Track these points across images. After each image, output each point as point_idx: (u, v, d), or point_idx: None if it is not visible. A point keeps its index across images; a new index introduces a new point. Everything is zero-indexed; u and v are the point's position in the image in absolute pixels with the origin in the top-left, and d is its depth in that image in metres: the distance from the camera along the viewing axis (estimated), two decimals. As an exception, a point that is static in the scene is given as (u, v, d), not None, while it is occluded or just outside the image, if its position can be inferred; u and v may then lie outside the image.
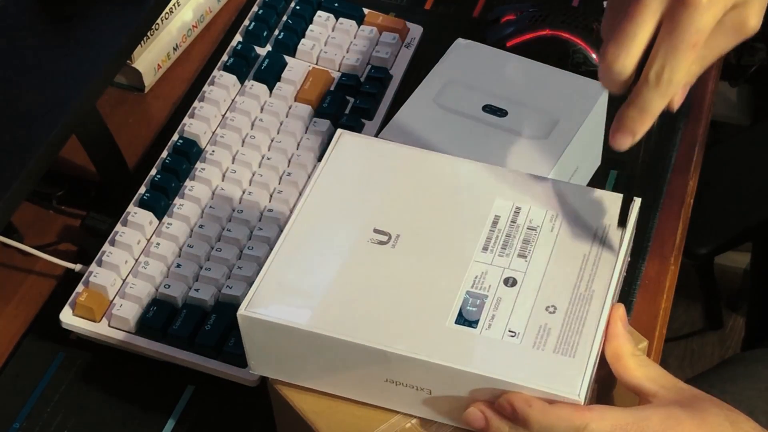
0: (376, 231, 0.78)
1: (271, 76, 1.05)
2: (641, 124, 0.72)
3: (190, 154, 0.98)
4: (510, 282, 0.75)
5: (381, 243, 0.78)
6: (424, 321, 0.73)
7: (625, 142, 0.73)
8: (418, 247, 0.77)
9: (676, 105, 0.73)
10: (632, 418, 0.70)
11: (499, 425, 0.71)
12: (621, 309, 0.74)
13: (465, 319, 0.73)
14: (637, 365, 0.73)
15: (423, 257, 0.77)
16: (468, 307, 0.74)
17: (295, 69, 1.06)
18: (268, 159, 0.99)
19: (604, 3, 1.16)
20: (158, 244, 0.92)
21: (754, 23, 0.71)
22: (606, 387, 0.77)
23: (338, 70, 1.08)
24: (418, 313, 0.74)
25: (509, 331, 0.73)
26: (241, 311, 0.75)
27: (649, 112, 0.71)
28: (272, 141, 1.00)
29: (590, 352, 0.71)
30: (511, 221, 0.79)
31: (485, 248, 0.77)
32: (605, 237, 0.77)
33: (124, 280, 0.92)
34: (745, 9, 0.70)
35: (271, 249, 0.92)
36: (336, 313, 0.74)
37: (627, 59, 0.70)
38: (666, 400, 0.72)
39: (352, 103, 1.05)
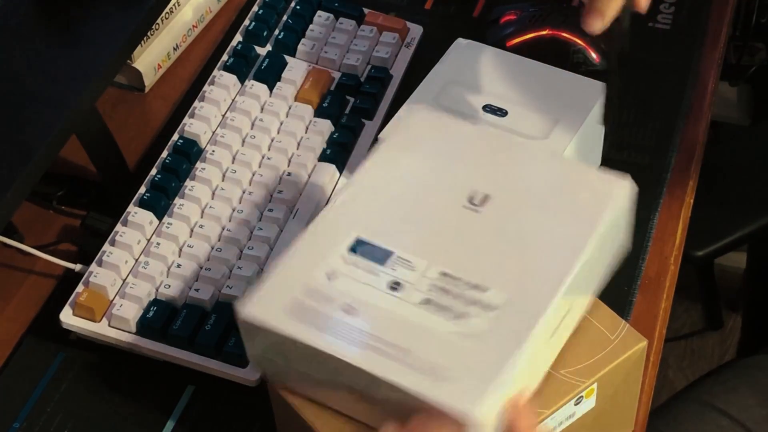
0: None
1: (271, 75, 1.05)
2: (608, 4, 0.80)
3: (190, 153, 0.98)
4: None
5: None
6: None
7: (595, 24, 0.81)
8: None
9: (644, 2, 0.83)
10: None
11: None
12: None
13: None
14: None
15: None
16: None
17: (295, 69, 1.06)
18: (268, 159, 0.99)
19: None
20: (158, 244, 0.92)
21: None
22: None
23: (338, 70, 1.08)
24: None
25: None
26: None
27: None
28: (272, 141, 1.00)
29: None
30: None
31: None
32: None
33: (124, 280, 0.92)
34: None
35: (271, 249, 0.93)
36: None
37: None
38: None
39: (352, 103, 1.05)
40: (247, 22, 1.10)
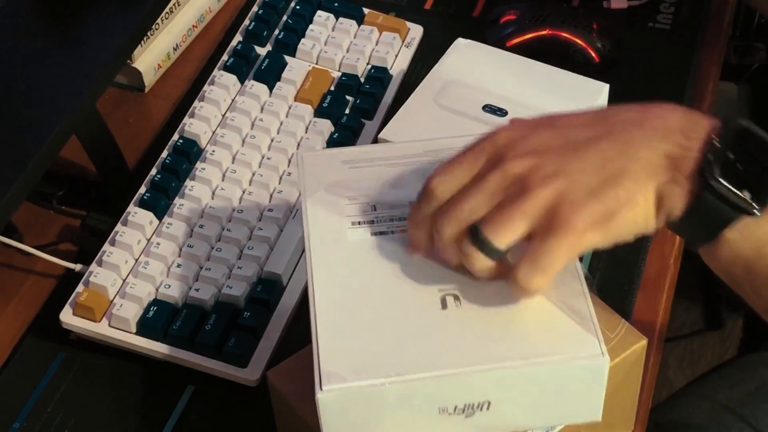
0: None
1: (271, 75, 1.05)
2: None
3: (190, 153, 0.99)
4: None
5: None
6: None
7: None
8: None
9: None
10: None
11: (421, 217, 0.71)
12: None
13: None
14: None
15: None
16: None
17: (295, 69, 1.06)
18: (268, 159, 0.99)
19: (604, 3, 1.17)
20: (158, 244, 0.92)
21: None
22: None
23: (338, 70, 1.08)
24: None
25: None
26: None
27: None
28: (272, 141, 1.00)
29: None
30: None
31: None
32: None
33: (124, 280, 0.92)
34: None
35: (271, 249, 0.93)
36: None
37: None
38: None
39: (352, 102, 1.05)
40: (247, 22, 1.10)
